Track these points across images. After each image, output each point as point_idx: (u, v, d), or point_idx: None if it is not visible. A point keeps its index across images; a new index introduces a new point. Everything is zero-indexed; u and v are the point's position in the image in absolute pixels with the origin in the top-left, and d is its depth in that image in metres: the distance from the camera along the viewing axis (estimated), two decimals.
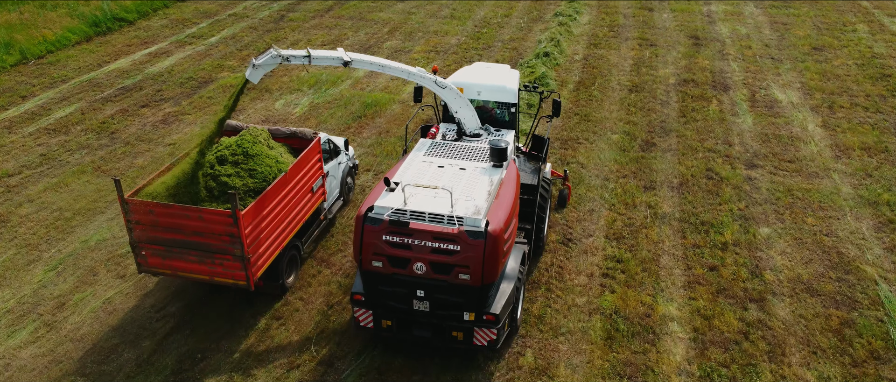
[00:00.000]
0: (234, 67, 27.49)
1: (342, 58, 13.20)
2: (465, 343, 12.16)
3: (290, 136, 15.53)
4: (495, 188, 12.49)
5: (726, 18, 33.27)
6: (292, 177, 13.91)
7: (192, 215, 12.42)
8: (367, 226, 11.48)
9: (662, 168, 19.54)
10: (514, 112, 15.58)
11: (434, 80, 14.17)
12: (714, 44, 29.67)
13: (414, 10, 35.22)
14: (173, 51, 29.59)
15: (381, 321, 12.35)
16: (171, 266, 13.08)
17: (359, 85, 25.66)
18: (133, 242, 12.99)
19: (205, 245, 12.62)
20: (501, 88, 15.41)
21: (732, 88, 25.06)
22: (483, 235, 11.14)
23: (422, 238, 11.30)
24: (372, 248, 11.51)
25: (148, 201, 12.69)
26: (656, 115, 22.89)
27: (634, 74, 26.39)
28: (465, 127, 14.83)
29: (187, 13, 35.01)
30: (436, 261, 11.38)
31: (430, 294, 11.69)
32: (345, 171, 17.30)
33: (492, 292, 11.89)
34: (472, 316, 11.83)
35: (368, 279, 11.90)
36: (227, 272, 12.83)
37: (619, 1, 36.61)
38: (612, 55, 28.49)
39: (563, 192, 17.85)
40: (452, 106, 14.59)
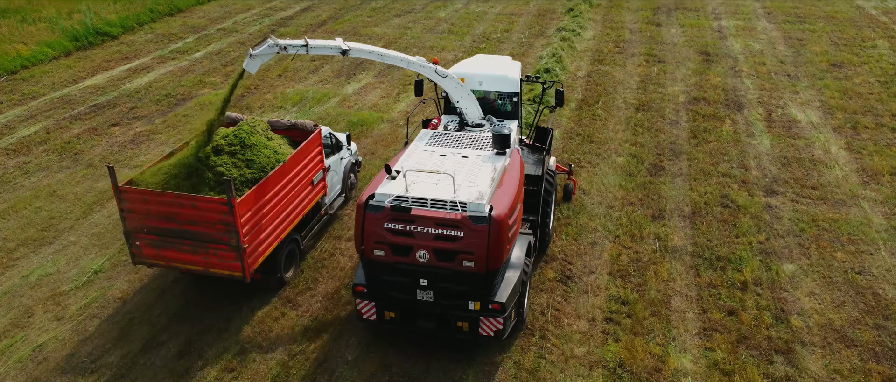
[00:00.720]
0: (216, 84, 25.76)
1: (340, 46, 12.94)
2: (470, 333, 11.70)
3: (290, 128, 15.08)
4: (499, 175, 12.11)
5: (738, 34, 31.40)
6: (291, 167, 13.55)
7: (187, 203, 12.01)
8: (368, 214, 11.10)
9: (672, 195, 17.61)
10: (516, 102, 15.19)
11: (434, 69, 13.84)
12: (726, 60, 27.78)
13: (411, 25, 33.51)
14: (154, 66, 27.90)
15: (384, 313, 11.91)
16: (165, 257, 12.65)
17: (346, 103, 23.86)
18: (127, 232, 12.60)
19: (199, 235, 12.21)
20: (503, 77, 15.04)
21: (747, 106, 23.14)
22: (487, 220, 10.76)
23: (424, 225, 10.89)
24: (373, 236, 11.11)
25: (142, 189, 12.30)
26: (665, 136, 20.98)
27: (641, 92, 24.51)
28: (466, 117, 14.50)
29: (174, 28, 33.38)
30: (439, 248, 10.95)
31: (433, 283, 11.28)
32: (347, 167, 16.91)
33: (497, 279, 11.43)
34: (478, 305, 11.37)
35: (370, 268, 11.50)
36: (222, 264, 12.40)
37: (625, 16, 34.81)
38: (618, 72, 26.63)
39: (567, 186, 17.30)
40: (454, 96, 14.26)
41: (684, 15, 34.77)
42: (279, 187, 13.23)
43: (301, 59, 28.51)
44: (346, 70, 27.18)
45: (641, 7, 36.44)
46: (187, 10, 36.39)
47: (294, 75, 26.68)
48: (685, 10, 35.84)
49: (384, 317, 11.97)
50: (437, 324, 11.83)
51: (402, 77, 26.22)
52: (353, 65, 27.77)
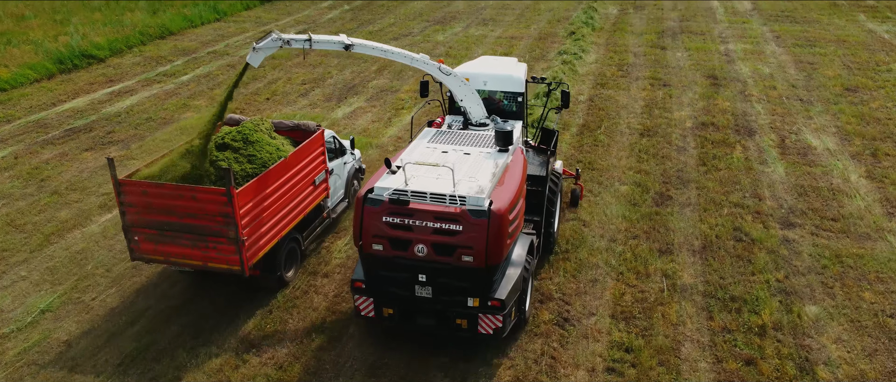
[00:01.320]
0: (200, 108, 24.43)
1: (343, 42, 12.78)
2: (469, 331, 11.40)
3: (294, 129, 14.95)
4: (500, 172, 11.92)
5: (746, 57, 30.00)
6: (294, 164, 13.38)
7: (186, 195, 11.77)
8: (366, 207, 10.92)
9: (681, 227, 16.07)
10: (521, 102, 14.86)
11: (438, 67, 13.64)
12: (734, 84, 26.35)
13: (407, 49, 32.18)
14: (138, 89, 26.61)
15: (382, 310, 11.64)
16: (163, 252, 12.38)
17: (336, 127, 22.47)
18: (126, 226, 12.33)
19: (198, 227, 11.95)
20: (508, 77, 14.76)
21: (758, 132, 21.65)
22: (486, 214, 10.53)
23: (423, 219, 10.68)
24: (372, 230, 10.91)
25: (141, 181, 12.10)
26: (672, 163, 19.48)
27: (646, 117, 23.06)
28: (470, 116, 14.23)
29: (164, 50, 32.18)
30: (437, 242, 10.71)
31: (432, 279, 11.02)
32: (350, 172, 16.80)
33: (497, 276, 11.18)
34: (477, 302, 11.10)
35: (369, 263, 11.28)
36: (220, 257, 12.10)
37: (628, 39, 33.49)
38: (621, 96, 25.21)
39: (575, 191, 16.97)
40: (458, 94, 14.02)
41: (690, 39, 33.42)
42: (280, 182, 12.99)
43: (292, 82, 27.22)
44: (336, 94, 25.85)
45: (646, 30, 35.14)
46: (179, 32, 35.25)
47: (283, 99, 25.34)
48: (691, 33, 34.51)
49: (383, 314, 11.67)
50: (436, 321, 11.51)
51: (394, 101, 24.88)
52: (343, 88, 26.45)
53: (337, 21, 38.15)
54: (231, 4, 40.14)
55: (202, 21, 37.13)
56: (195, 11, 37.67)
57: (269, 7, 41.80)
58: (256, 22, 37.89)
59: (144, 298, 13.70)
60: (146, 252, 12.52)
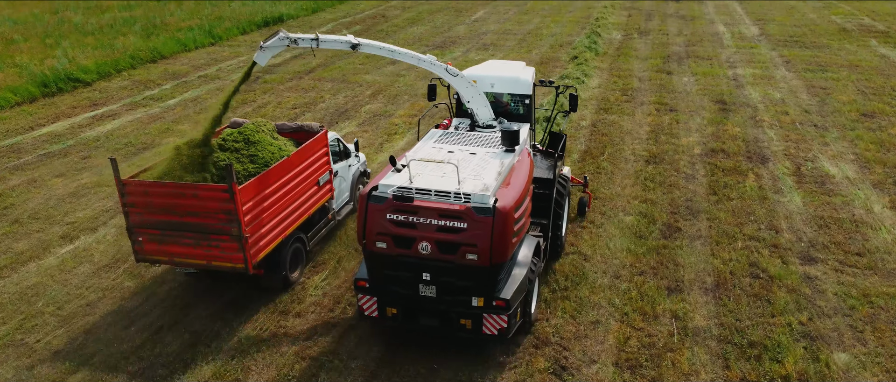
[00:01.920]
0: (183, 132, 23.12)
1: (350, 41, 12.80)
2: (473, 331, 11.12)
3: (296, 130, 14.81)
4: (506, 171, 11.70)
5: (755, 82, 28.62)
6: (297, 163, 13.24)
7: (188, 193, 11.68)
8: (371, 205, 10.75)
9: (691, 262, 14.57)
10: (528, 104, 14.63)
11: (445, 68, 13.44)
12: (744, 109, 24.94)
13: (404, 73, 30.99)
14: (121, 113, 25.38)
15: (385, 309, 11.39)
16: (167, 252, 12.25)
17: None
18: (130, 227, 12.23)
19: (201, 226, 11.81)
20: (515, 79, 14.57)
21: (771, 159, 20.19)
22: (491, 211, 10.34)
23: (427, 216, 10.50)
24: (376, 227, 10.73)
25: (143, 181, 12.02)
26: (680, 191, 18.02)
27: (652, 143, 21.64)
28: (477, 118, 13.97)
29: (154, 74, 31.02)
30: (442, 240, 10.51)
31: (436, 278, 10.80)
32: (355, 174, 16.62)
33: (502, 275, 10.92)
34: (481, 302, 10.84)
35: (372, 262, 11.10)
36: (224, 256, 11.96)
37: (633, 64, 32.18)
38: (626, 121, 23.82)
39: (582, 200, 16.57)
40: (465, 96, 13.81)
41: (697, 63, 32.10)
42: (283, 180, 12.82)
43: (282, 106, 25.95)
44: (328, 118, 24.54)
45: (651, 55, 33.85)
46: (171, 56, 34.15)
47: None
48: (697, 58, 33.20)
49: (386, 314, 11.42)
50: (439, 322, 11.23)
51: (387, 126, 23.54)
52: (335, 112, 25.15)
53: None
54: (227, 29, 39.10)
55: (196, 45, 36.06)
56: (189, 36, 36.62)
57: (267, 31, 40.73)
58: (251, 46, 36.77)
59: (94, 341, 12.25)
60: (150, 253, 12.36)
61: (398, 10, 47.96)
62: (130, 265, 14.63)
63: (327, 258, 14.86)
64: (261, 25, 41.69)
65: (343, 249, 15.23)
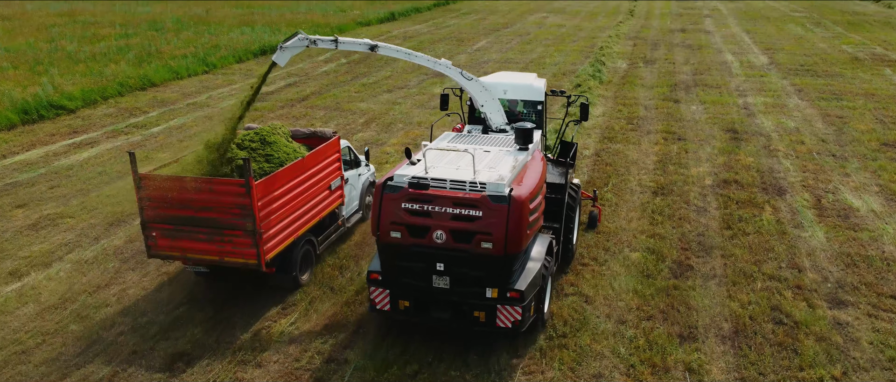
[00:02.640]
0: (165, 161, 21.64)
1: (368, 43, 13.05)
2: (487, 324, 10.97)
3: (310, 135, 14.97)
4: (520, 166, 11.73)
5: (767, 111, 27.09)
6: (310, 164, 13.31)
7: (204, 187, 11.69)
8: (386, 194, 10.72)
9: (705, 305, 12.90)
10: (540, 110, 14.67)
11: (459, 72, 13.52)
12: (757, 138, 23.38)
13: (400, 101, 29.59)
14: (101, 141, 23.99)
15: (398, 302, 11.24)
16: (180, 248, 12.22)
17: None
18: (144, 222, 12.24)
19: (215, 221, 11.81)
20: (528, 86, 14.64)
21: (789, 191, 18.56)
22: (506, 200, 10.30)
23: (442, 205, 10.45)
24: (390, 217, 10.67)
25: (160, 175, 12.07)
26: (691, 226, 16.39)
27: (660, 173, 20.05)
28: (491, 122, 13.97)
29: (142, 102, 29.70)
30: (456, 228, 10.44)
31: (450, 268, 10.67)
32: (365, 184, 16.61)
33: (516, 266, 10.82)
34: (495, 293, 10.72)
35: (386, 252, 10.97)
36: (236, 251, 11.93)
37: (638, 92, 30.73)
38: (631, 150, 22.27)
39: (592, 213, 16.39)
40: (478, 100, 13.84)
41: (705, 92, 30.62)
42: (297, 180, 12.84)
43: None
44: None
45: (657, 84, 32.40)
46: (162, 84, 32.87)
47: None
48: (706, 86, 31.73)
49: (398, 307, 11.25)
50: (452, 314, 11.09)
51: (379, 155, 22.02)
52: None
53: (331, 73, 35.76)
54: (222, 58, 37.91)
55: (189, 73, 34.80)
56: (182, 63, 35.41)
57: (263, 60, 39.56)
58: (246, 74, 35.56)
59: None
60: (163, 249, 12.32)
61: (399, 39, 46.82)
62: (79, 307, 13.07)
63: (298, 299, 13.25)
64: (258, 54, 40.54)
65: (318, 288, 13.64)
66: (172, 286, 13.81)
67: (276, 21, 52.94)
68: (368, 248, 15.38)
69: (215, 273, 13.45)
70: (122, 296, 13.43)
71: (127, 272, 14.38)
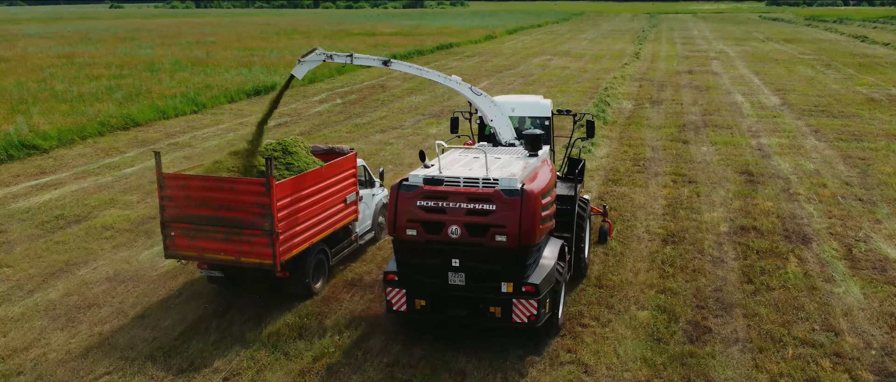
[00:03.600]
0: (130, 203, 19.80)
1: (382, 58, 13.42)
2: (503, 320, 10.91)
3: (328, 151, 15.31)
4: (531, 169, 11.77)
5: (783, 152, 25.08)
6: (328, 175, 13.56)
7: (225, 186, 11.94)
8: (401, 193, 10.83)
9: (729, 378, 10.72)
10: (547, 126, 14.93)
11: (469, 87, 13.77)
12: (774, 181, 21.32)
13: (392, 141, 27.73)
14: (67, 182, 22.15)
15: (414, 301, 11.18)
16: (197, 247, 12.33)
17: None
18: (164, 221, 12.43)
19: (234, 220, 11.94)
20: (535, 103, 15.18)
21: (815, 239, 16.46)
22: (519, 193, 10.45)
23: (456, 200, 10.58)
24: (406, 214, 10.76)
25: (183, 174, 12.45)
26: (707, 279, 14.28)
27: (669, 219, 17.99)
28: (500, 137, 14.04)
29: (121, 142, 27.94)
30: (471, 223, 10.52)
31: (465, 263, 10.73)
32: (378, 205, 16.65)
33: (530, 260, 10.85)
34: (510, 287, 10.73)
35: (402, 251, 11.05)
36: (253, 252, 12.02)
37: (645, 133, 28.81)
38: (638, 194, 20.24)
39: (603, 228, 16.37)
40: (487, 115, 13.97)
41: (716, 132, 28.67)
42: (314, 188, 13.04)
43: None
44: None
45: (664, 124, 30.50)
46: (146, 124, 31.14)
47: None
48: (716, 127, 29.79)
49: (415, 306, 11.28)
50: (468, 312, 11.17)
51: None
52: None
53: (324, 114, 34.04)
54: (213, 98, 36.33)
55: (176, 113, 33.15)
56: (170, 103, 33.81)
57: (257, 100, 37.96)
58: (236, 114, 33.90)
59: None
60: (181, 248, 12.50)
61: (398, 80, 45.29)
62: None
63: (245, 366, 11.12)
64: (251, 94, 38.94)
65: (269, 353, 11.52)
66: (101, 349, 11.73)
67: (275, 63, 51.61)
68: (336, 304, 13.35)
69: (229, 281, 13.42)
70: (39, 363, 11.35)
71: (53, 333, 12.31)
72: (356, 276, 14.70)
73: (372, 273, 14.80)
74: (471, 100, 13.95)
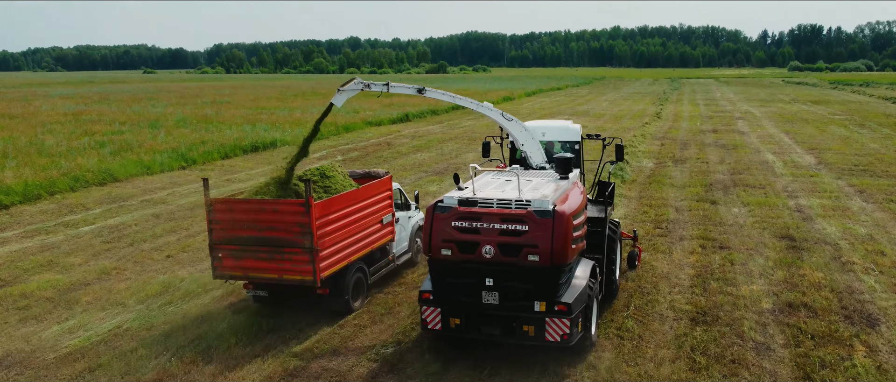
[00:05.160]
0: (69, 267, 16.93)
1: (416, 87, 13.72)
2: (536, 338, 10.94)
3: (364, 176, 15.64)
4: (562, 191, 11.82)
5: (827, 215, 21.67)
6: (364, 196, 14.00)
7: (268, 208, 12.53)
8: (436, 214, 11.06)
9: None
10: (577, 150, 14.91)
11: (501, 113, 13.79)
12: (822, 248, 17.92)
13: None
14: (11, 241, 19.39)
15: (449, 320, 11.32)
16: (243, 267, 12.92)
17: (220, 300, 14.57)
18: (212, 244, 12.96)
19: (276, 240, 12.49)
20: (565, 128, 15.18)
21: (882, 320, 13.03)
22: (551, 213, 10.58)
23: (490, 221, 10.76)
24: (441, 235, 10.98)
25: (229, 199, 13.18)
26: (751, 374, 10.90)
27: (699, 292, 14.66)
28: (531, 160, 14.00)
29: (93, 197, 25.24)
30: (504, 243, 10.68)
31: (499, 282, 10.86)
32: (414, 227, 16.88)
33: (562, 280, 10.92)
34: (543, 306, 10.76)
35: (437, 270, 11.26)
36: (295, 269, 12.55)
37: (667, 192, 25.58)
38: (661, 261, 16.96)
39: (632, 253, 15.66)
40: (519, 139, 13.93)
41: (747, 192, 25.34)
42: (352, 208, 13.48)
43: None
44: None
45: (689, 183, 27.25)
46: (126, 179, 28.51)
47: (199, 253, 17.72)
48: (747, 186, 26.46)
49: (449, 324, 11.29)
50: (502, 330, 11.08)
51: None
52: None
53: None
54: (206, 153, 33.85)
55: (162, 168, 30.59)
56: (157, 158, 31.32)
57: (253, 156, 35.42)
58: (227, 170, 31.26)
59: None
60: (228, 269, 12.98)
61: (407, 138, 42.73)
62: None
63: None
64: (248, 150, 36.45)
65: None
66: None
67: (281, 121, 49.38)
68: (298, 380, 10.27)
69: (273, 298, 13.77)
70: None
71: None
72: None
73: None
74: (502, 125, 13.99)
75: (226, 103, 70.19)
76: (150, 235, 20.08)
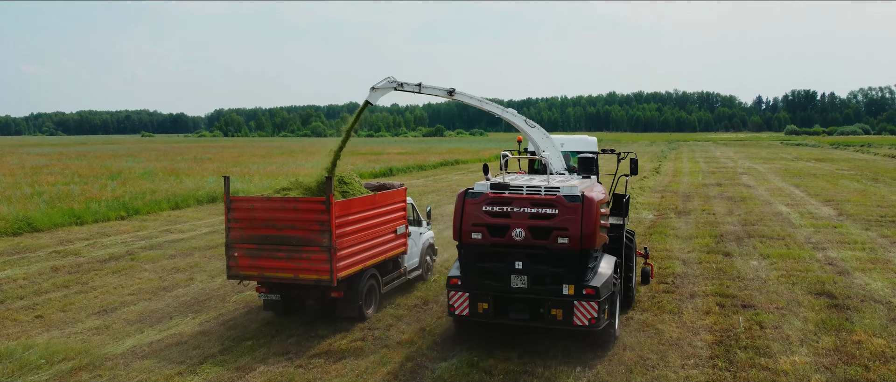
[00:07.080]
0: (22, 322, 12.93)
1: (447, 88, 13.57)
2: (564, 322, 10.95)
3: (379, 188, 15.53)
4: (588, 184, 12.01)
5: (866, 268, 17.74)
6: (380, 203, 14.08)
7: (288, 206, 12.54)
8: (468, 199, 11.26)
9: None
10: (594, 160, 14.62)
11: (524, 119, 13.84)
12: (872, 307, 13.98)
13: None
14: None
15: (477, 305, 11.35)
16: (259, 267, 12.87)
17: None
18: (229, 243, 12.97)
19: (295, 238, 12.50)
20: (582, 140, 15.46)
21: None
22: (580, 198, 10.77)
23: (520, 205, 10.95)
24: (471, 219, 11.16)
25: (250, 197, 13.24)
26: None
27: (723, 367, 10.68)
28: (551, 167, 13.69)
29: (89, 232, 21.34)
30: (534, 226, 10.85)
31: (528, 265, 10.96)
32: (425, 243, 16.86)
33: (590, 265, 10.99)
34: (572, 290, 10.83)
35: (467, 255, 11.33)
36: (311, 268, 12.50)
37: (671, 243, 21.69)
38: (668, 324, 12.98)
39: (645, 270, 15.89)
40: (540, 146, 13.84)
41: (765, 243, 21.43)
42: (368, 213, 13.48)
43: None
44: None
45: (696, 234, 23.37)
46: (46, 229, 24.48)
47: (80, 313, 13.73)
48: (764, 237, 22.56)
49: (477, 309, 11.33)
50: (530, 315, 11.13)
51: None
52: None
53: None
54: (152, 202, 30.00)
55: (95, 218, 26.56)
56: (93, 208, 27.45)
57: (208, 207, 31.54)
58: (173, 221, 27.27)
59: None
60: (243, 268, 12.94)
61: (406, 180, 38.94)
62: None
63: None
64: (203, 201, 32.64)
65: None
66: None
67: (252, 173, 45.73)
68: None
69: (286, 305, 13.58)
70: None
71: None
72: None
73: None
74: (524, 131, 13.91)
75: (206, 160, 66.77)
76: (31, 291, 16.10)
